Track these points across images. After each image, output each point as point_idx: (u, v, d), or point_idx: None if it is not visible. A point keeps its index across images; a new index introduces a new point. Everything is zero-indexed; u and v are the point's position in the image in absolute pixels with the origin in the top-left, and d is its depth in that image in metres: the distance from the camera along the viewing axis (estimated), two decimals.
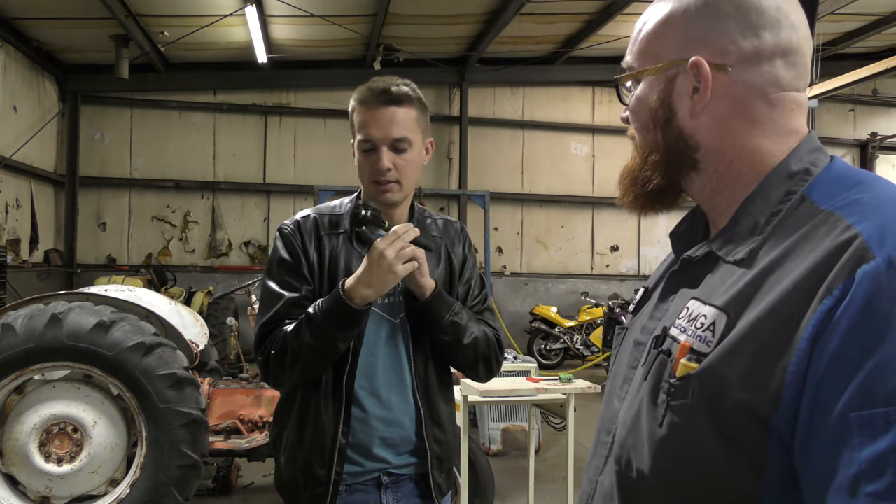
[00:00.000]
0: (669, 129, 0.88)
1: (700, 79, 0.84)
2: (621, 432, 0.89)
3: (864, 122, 13.63)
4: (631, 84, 0.93)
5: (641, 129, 0.92)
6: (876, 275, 0.66)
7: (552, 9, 9.12)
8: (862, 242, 0.69)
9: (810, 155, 0.84)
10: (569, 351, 10.57)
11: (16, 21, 8.84)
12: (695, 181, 0.90)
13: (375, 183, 1.64)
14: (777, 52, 0.83)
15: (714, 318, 0.79)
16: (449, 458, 1.76)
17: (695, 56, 0.84)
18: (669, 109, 0.88)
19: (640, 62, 0.91)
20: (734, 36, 0.83)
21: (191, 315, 4.71)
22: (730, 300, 0.78)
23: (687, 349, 0.80)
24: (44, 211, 10.28)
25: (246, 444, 4.37)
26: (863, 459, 0.63)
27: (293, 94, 11.49)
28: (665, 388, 0.82)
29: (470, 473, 3.63)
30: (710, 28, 0.85)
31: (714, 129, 0.86)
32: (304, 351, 1.55)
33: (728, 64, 0.84)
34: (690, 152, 0.88)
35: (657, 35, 0.89)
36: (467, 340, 1.67)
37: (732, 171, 0.87)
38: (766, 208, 0.83)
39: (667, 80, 0.87)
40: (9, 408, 3.69)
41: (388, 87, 1.62)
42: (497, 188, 11.65)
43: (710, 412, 0.75)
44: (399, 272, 1.51)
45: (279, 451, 1.70)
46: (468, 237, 1.84)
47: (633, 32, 0.94)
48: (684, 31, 0.86)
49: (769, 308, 0.73)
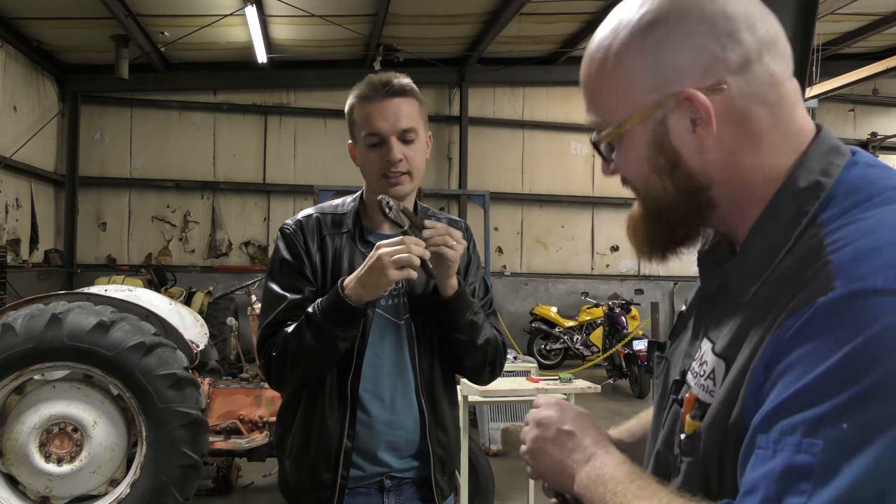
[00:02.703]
0: (678, 174, 0.79)
1: (699, 110, 0.76)
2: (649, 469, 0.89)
3: (864, 122, 13.63)
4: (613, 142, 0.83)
5: (643, 182, 0.83)
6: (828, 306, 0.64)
7: (552, 9, 9.12)
8: (827, 273, 0.66)
9: (822, 161, 0.76)
10: (569, 351, 10.57)
11: (16, 21, 8.83)
12: (714, 217, 0.82)
13: (385, 177, 1.62)
14: (762, 48, 0.76)
15: (714, 364, 0.77)
16: (451, 461, 1.75)
17: (680, 88, 0.76)
18: (672, 153, 0.79)
19: (611, 116, 0.82)
20: (714, 51, 0.75)
21: (191, 315, 4.71)
22: (728, 344, 0.75)
23: (692, 402, 0.78)
24: (44, 211, 10.28)
25: (246, 444, 4.37)
26: (748, 479, 0.64)
27: (293, 94, 11.49)
28: (677, 443, 0.81)
29: (470, 474, 3.63)
30: (683, 53, 0.76)
31: (724, 159, 0.78)
32: (305, 351, 1.54)
33: (720, 83, 0.76)
34: (705, 192, 0.80)
35: (618, 83, 0.80)
36: (481, 341, 1.67)
37: (746, 194, 0.79)
38: (775, 233, 0.76)
39: (655, 125, 0.78)
40: (9, 408, 3.69)
41: (389, 80, 1.62)
42: (497, 188, 11.65)
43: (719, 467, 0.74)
44: (391, 277, 1.47)
45: (283, 455, 1.69)
46: (472, 238, 1.83)
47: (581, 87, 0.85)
48: (653, 67, 0.77)
49: (749, 352, 0.71)
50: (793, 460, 0.61)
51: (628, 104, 0.79)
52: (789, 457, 0.61)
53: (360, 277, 1.51)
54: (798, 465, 0.60)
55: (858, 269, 0.64)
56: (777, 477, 0.61)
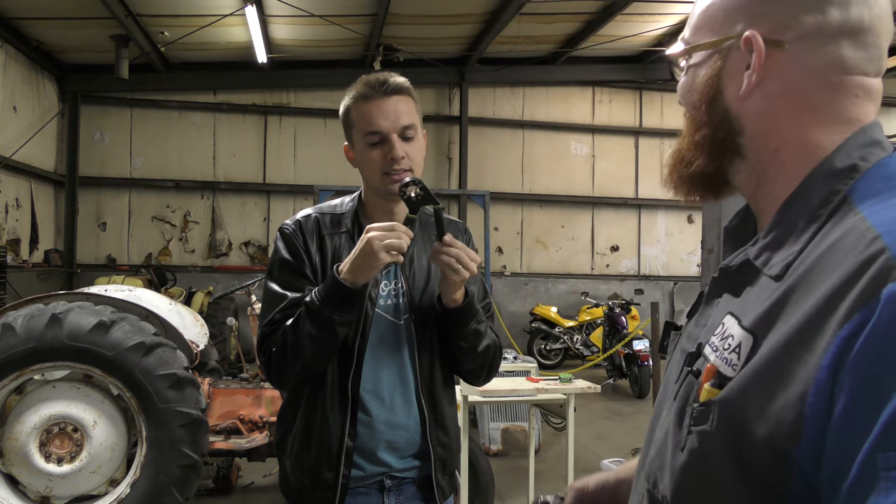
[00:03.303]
0: (715, 108, 0.82)
1: (753, 55, 0.77)
2: (653, 450, 0.86)
3: None
4: (685, 61, 0.87)
5: (689, 106, 0.86)
6: None
7: (552, 9, 9.12)
8: (889, 258, 0.61)
9: (862, 150, 0.74)
10: (569, 351, 10.57)
11: (16, 21, 8.83)
12: (741, 170, 0.83)
13: (387, 175, 1.61)
14: (844, 31, 0.75)
15: (741, 339, 0.73)
16: (452, 461, 1.75)
17: (750, 30, 0.77)
18: (717, 87, 0.81)
19: (695, 36, 0.85)
20: (795, 10, 0.76)
21: (191, 315, 4.71)
22: (757, 320, 0.72)
23: (713, 372, 0.75)
24: (44, 211, 10.28)
25: (246, 444, 4.37)
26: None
27: (293, 94, 11.49)
28: (689, 412, 0.77)
29: (470, 474, 3.63)
30: (771, 1, 0.78)
31: (762, 112, 0.79)
32: (305, 341, 1.54)
33: (786, 41, 0.76)
34: (734, 136, 0.81)
35: (714, 7, 0.83)
36: (482, 348, 1.68)
37: (776, 162, 0.79)
38: (806, 211, 0.74)
39: (720, 56, 0.81)
40: (9, 408, 3.69)
41: (386, 79, 1.62)
42: (497, 188, 11.66)
43: (731, 442, 0.70)
44: (382, 260, 1.48)
45: (284, 455, 1.69)
46: (472, 238, 1.84)
47: (693, 8, 0.88)
48: (743, 3, 0.79)
49: (790, 332, 0.67)
50: None
51: (710, 29, 0.83)
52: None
53: (353, 262, 1.52)
54: None
55: None
56: None
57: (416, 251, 1.71)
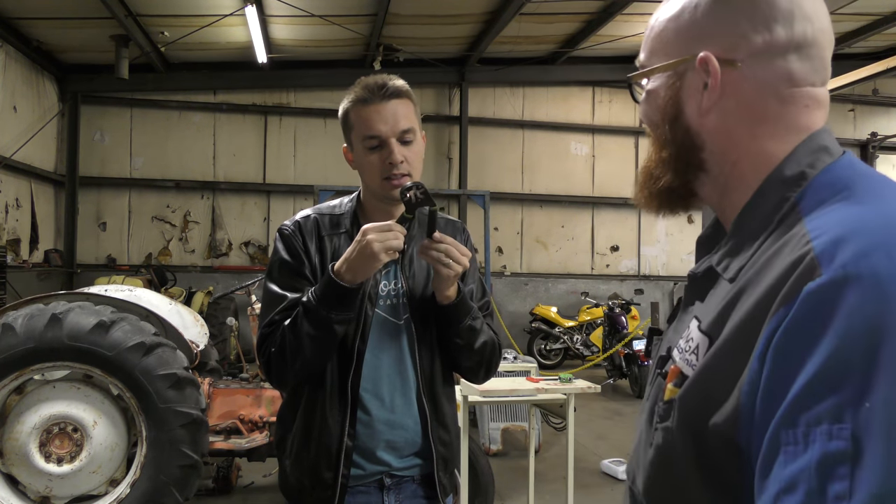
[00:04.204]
0: (677, 126, 0.86)
1: (709, 74, 0.82)
2: (633, 447, 0.93)
3: (865, 122, 13.63)
4: (645, 82, 0.92)
5: (652, 126, 0.91)
6: (818, 292, 0.65)
7: (552, 9, 9.12)
8: (812, 259, 0.68)
9: (811, 156, 0.80)
10: (569, 351, 10.57)
11: (16, 21, 8.83)
12: (705, 183, 0.89)
13: (387, 179, 1.62)
14: (791, 47, 0.81)
15: (699, 341, 0.80)
16: (453, 459, 1.76)
17: (704, 51, 0.82)
18: (677, 106, 0.86)
19: (652, 60, 0.90)
20: (744, 30, 0.81)
21: (191, 315, 4.71)
22: (712, 322, 0.78)
23: (676, 373, 0.82)
24: (44, 211, 10.28)
25: (246, 444, 4.37)
26: (782, 477, 0.64)
27: (293, 94, 11.49)
28: (656, 411, 0.84)
29: (470, 473, 3.63)
30: (721, 23, 0.83)
31: (720, 128, 0.84)
32: (304, 341, 1.54)
33: (738, 59, 0.81)
34: (697, 151, 0.86)
35: (667, 31, 0.88)
36: (478, 345, 1.69)
37: (736, 174, 0.85)
38: (760, 218, 0.81)
39: (677, 77, 0.86)
40: (9, 408, 3.69)
41: (385, 83, 1.62)
42: (497, 188, 11.66)
43: (689, 434, 0.76)
44: (381, 260, 1.50)
45: (284, 455, 1.70)
46: (470, 238, 1.84)
47: (646, 31, 0.93)
48: (694, 26, 0.85)
49: (733, 329, 0.74)
50: (827, 448, 0.62)
51: (665, 53, 0.88)
52: (822, 446, 0.62)
53: (350, 261, 1.52)
54: (833, 451, 0.61)
55: (845, 249, 0.67)
56: (815, 468, 0.62)
57: (416, 252, 1.71)
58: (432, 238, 1.56)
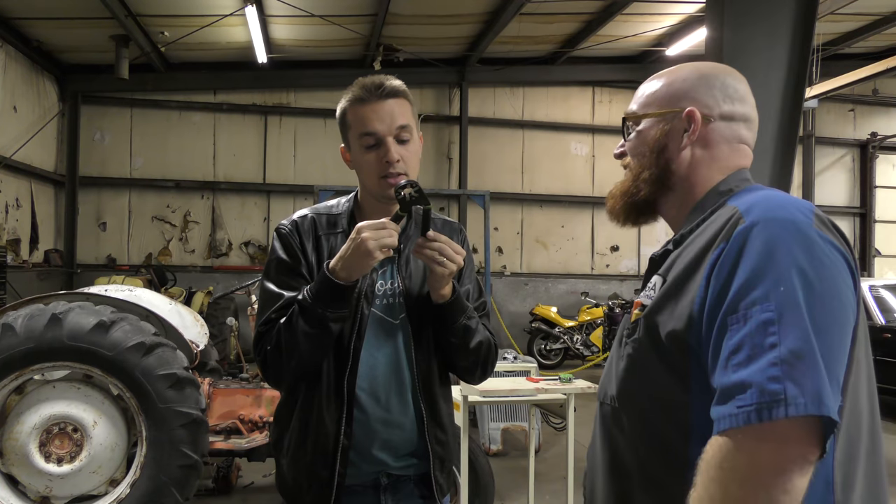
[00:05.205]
0: (661, 156, 1.23)
1: (692, 123, 1.20)
2: (605, 372, 1.26)
3: (864, 122, 13.64)
4: (632, 124, 1.29)
5: (639, 155, 1.26)
6: (744, 230, 1.02)
7: (552, 9, 9.13)
8: (738, 215, 1.05)
9: (738, 181, 1.20)
10: (569, 351, 10.58)
11: (16, 21, 8.84)
12: (669, 199, 1.25)
13: (384, 178, 1.63)
14: (742, 119, 1.22)
15: (656, 282, 1.15)
16: (450, 458, 1.76)
17: (690, 107, 1.20)
18: (663, 143, 1.23)
19: (644, 109, 1.26)
20: (718, 100, 1.21)
21: (191, 315, 4.71)
22: (665, 268, 1.14)
23: (639, 305, 1.16)
24: (44, 211, 10.28)
25: (246, 444, 4.37)
26: (730, 344, 0.96)
27: (293, 94, 11.49)
28: (625, 334, 1.18)
29: (470, 473, 3.63)
30: (702, 92, 1.22)
31: (690, 162, 1.22)
32: (300, 339, 1.55)
33: (712, 117, 1.21)
34: (671, 175, 1.23)
35: (660, 91, 1.25)
36: (473, 345, 1.69)
37: (693, 194, 1.22)
38: (700, 211, 1.18)
39: (665, 122, 1.23)
40: (9, 408, 3.69)
41: (382, 82, 1.63)
42: (497, 188, 11.66)
43: (653, 343, 1.10)
44: (377, 258, 1.52)
45: (281, 454, 1.70)
46: (466, 239, 1.84)
47: (637, 93, 1.30)
48: (682, 90, 1.23)
49: (684, 265, 1.09)
50: (760, 318, 0.94)
51: (657, 105, 1.25)
52: (757, 318, 0.95)
53: (345, 259, 1.53)
54: (765, 319, 0.94)
55: (755, 210, 1.05)
56: (754, 331, 0.94)
57: (413, 251, 1.71)
58: (426, 237, 1.57)
